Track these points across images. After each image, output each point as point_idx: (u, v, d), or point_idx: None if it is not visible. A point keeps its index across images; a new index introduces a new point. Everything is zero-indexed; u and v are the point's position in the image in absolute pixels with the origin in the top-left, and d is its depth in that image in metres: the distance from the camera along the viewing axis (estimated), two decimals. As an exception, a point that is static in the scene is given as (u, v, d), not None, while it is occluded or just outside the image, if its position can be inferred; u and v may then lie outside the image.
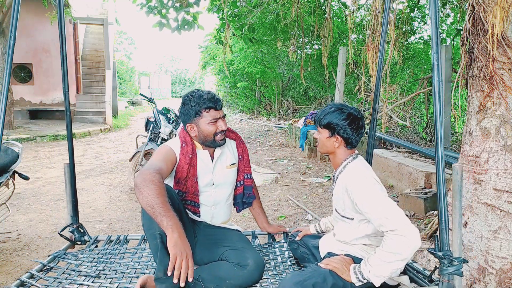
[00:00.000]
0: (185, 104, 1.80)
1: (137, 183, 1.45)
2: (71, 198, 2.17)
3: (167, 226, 1.35)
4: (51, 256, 1.95)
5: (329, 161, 6.36)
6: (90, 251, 2.06)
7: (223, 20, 5.36)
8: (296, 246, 1.94)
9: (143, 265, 1.91)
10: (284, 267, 1.88)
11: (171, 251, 1.32)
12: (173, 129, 5.14)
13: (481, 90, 2.14)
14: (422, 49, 8.76)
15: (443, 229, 1.38)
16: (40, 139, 8.55)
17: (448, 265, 1.38)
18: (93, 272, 1.81)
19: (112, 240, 2.20)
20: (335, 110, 1.59)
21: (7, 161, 2.81)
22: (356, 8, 4.66)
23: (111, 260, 1.96)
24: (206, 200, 1.86)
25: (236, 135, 2.02)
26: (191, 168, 1.78)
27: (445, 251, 1.39)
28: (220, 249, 1.74)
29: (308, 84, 12.39)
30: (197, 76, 36.53)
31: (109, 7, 12.89)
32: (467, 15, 2.16)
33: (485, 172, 2.12)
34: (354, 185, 1.49)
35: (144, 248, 2.12)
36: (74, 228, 2.19)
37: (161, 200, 1.39)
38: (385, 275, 1.39)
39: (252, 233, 2.26)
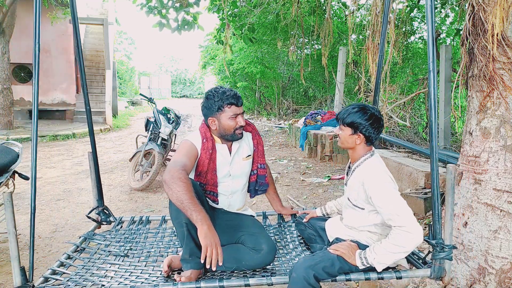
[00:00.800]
0: (208, 98, 1.91)
1: (166, 180, 1.59)
2: (96, 184, 2.33)
3: (197, 220, 1.50)
4: (82, 237, 2.12)
5: (329, 161, 6.37)
6: (116, 232, 2.24)
7: (223, 20, 5.36)
8: (303, 227, 2.11)
9: (165, 244, 2.09)
10: (293, 246, 2.07)
11: (203, 242, 1.48)
12: (173, 129, 5.14)
13: (481, 90, 2.14)
14: (422, 49, 8.77)
15: (436, 220, 1.55)
16: (40, 139, 8.55)
17: (440, 251, 1.56)
18: (122, 252, 1.98)
19: (135, 221, 2.37)
20: (358, 110, 1.73)
21: (7, 161, 2.81)
22: (356, 8, 4.66)
23: (137, 240, 2.13)
24: (224, 190, 2.00)
25: (252, 127, 2.14)
26: (211, 162, 1.91)
27: (437, 239, 1.56)
28: (237, 234, 1.90)
29: (308, 84, 12.40)
30: (197, 76, 36.53)
31: (109, 7, 12.90)
32: (467, 15, 2.16)
33: (485, 172, 2.12)
34: (371, 181, 1.65)
35: (164, 228, 2.29)
36: (100, 211, 2.35)
37: (189, 196, 1.54)
38: (387, 263, 1.59)
39: (263, 214, 2.45)
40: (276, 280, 1.61)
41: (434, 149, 1.51)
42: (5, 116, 9.06)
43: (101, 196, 2.36)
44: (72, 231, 3.46)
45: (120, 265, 1.85)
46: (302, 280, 1.55)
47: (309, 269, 1.57)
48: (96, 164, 2.33)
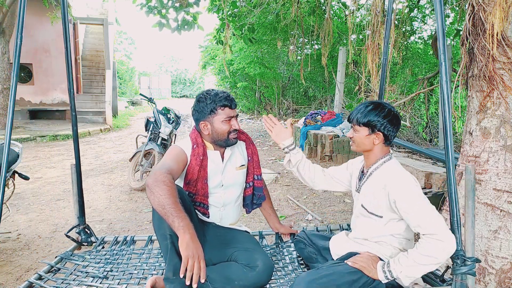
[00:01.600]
0: (200, 101, 1.79)
1: (149, 183, 1.44)
2: (78, 199, 2.17)
3: (179, 227, 1.34)
4: (58, 257, 1.96)
5: (329, 161, 6.36)
6: (97, 252, 2.07)
7: (223, 20, 5.35)
8: (303, 246, 1.93)
9: (151, 266, 1.91)
10: (292, 267, 1.88)
11: (183, 253, 1.32)
12: (173, 129, 5.14)
13: (481, 90, 2.14)
14: (422, 49, 8.77)
15: (455, 228, 1.39)
16: (40, 139, 8.55)
17: (461, 264, 1.38)
18: (101, 273, 1.81)
19: (119, 241, 2.19)
20: (374, 107, 1.58)
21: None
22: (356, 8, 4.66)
23: (119, 261, 1.96)
24: (215, 202, 1.86)
25: (246, 136, 2.01)
26: (201, 170, 1.78)
27: (457, 250, 1.38)
28: (229, 250, 1.74)
29: (308, 84, 12.40)
30: (197, 76, 36.52)
31: (109, 7, 12.90)
32: (467, 15, 2.16)
33: (485, 172, 2.12)
34: (395, 184, 1.49)
35: (151, 249, 2.11)
36: (81, 229, 2.18)
37: (173, 201, 1.39)
38: (416, 276, 1.40)
39: (259, 233, 2.24)
40: None
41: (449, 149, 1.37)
42: (5, 116, 9.05)
43: (83, 213, 2.19)
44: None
45: (97, 287, 1.71)
46: None
47: (312, 283, 1.41)
48: (79, 177, 2.15)
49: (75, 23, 11.45)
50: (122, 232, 3.40)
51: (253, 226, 3.43)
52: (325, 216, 3.77)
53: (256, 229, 2.67)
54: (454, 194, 1.36)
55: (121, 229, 3.47)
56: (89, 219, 3.71)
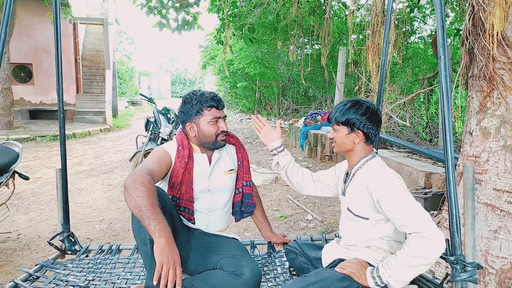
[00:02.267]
0: (186, 102, 1.73)
1: (126, 184, 1.37)
2: (62, 205, 2.07)
3: (154, 231, 1.28)
4: (38, 265, 1.88)
5: (329, 161, 6.36)
6: (80, 261, 1.98)
7: (223, 20, 5.36)
8: (294, 256, 1.85)
9: (135, 275, 1.84)
10: (284, 278, 1.82)
11: (157, 258, 1.24)
12: (173, 129, 5.14)
13: (481, 90, 2.14)
14: (422, 49, 8.77)
15: (454, 231, 1.30)
16: (40, 139, 8.55)
17: (461, 271, 1.30)
18: (82, 282, 1.74)
19: (104, 249, 2.11)
20: (352, 105, 1.54)
21: (7, 161, 2.81)
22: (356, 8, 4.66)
23: (102, 270, 1.88)
24: (201, 207, 1.78)
25: (236, 140, 1.94)
26: (186, 173, 1.70)
27: (457, 255, 1.31)
28: (215, 257, 1.65)
29: (308, 84, 12.39)
30: (197, 76, 36.55)
31: (109, 7, 12.90)
32: (467, 15, 2.16)
33: (485, 172, 2.12)
34: (377, 182, 1.44)
35: (137, 258, 2.04)
36: (65, 237, 2.08)
37: (150, 203, 1.32)
38: (406, 280, 1.33)
39: (250, 243, 2.18)
40: None
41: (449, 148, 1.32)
42: (5, 116, 9.05)
43: (67, 220, 2.09)
44: (72, 231, 3.46)
45: None
46: None
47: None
48: (64, 183, 2.06)
49: (75, 23, 11.45)
50: (122, 231, 3.40)
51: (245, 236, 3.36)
52: (325, 216, 3.77)
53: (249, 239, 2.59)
54: (454, 195, 1.29)
55: (121, 228, 3.47)
56: (89, 219, 3.71)
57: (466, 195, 1.37)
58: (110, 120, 11.76)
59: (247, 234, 3.33)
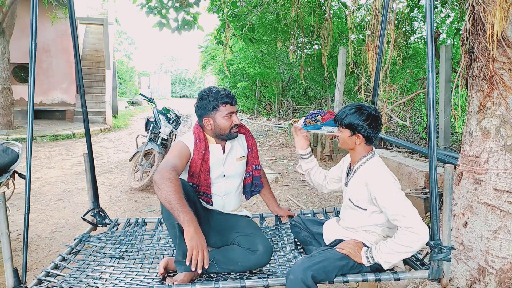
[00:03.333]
0: (203, 98, 1.91)
1: (156, 180, 1.58)
2: (91, 185, 2.31)
3: (184, 221, 1.51)
4: (77, 239, 2.09)
5: (329, 161, 6.36)
6: (112, 234, 2.21)
7: (223, 20, 5.36)
8: (298, 230, 2.07)
9: (162, 246, 2.07)
10: (290, 248, 2.04)
11: (188, 244, 1.48)
12: (173, 129, 5.15)
13: (481, 90, 2.14)
14: (422, 49, 8.77)
15: (434, 221, 1.54)
16: (40, 139, 8.55)
17: (438, 252, 1.56)
18: (117, 254, 1.96)
19: (131, 223, 2.34)
20: (355, 111, 1.74)
21: (7, 161, 2.81)
22: (356, 8, 4.66)
23: (132, 242, 2.11)
24: (218, 191, 1.99)
25: (245, 129, 2.15)
26: (203, 163, 1.91)
27: (435, 240, 1.56)
28: (232, 235, 1.89)
29: (308, 84, 12.39)
30: (197, 76, 36.55)
31: (109, 7, 12.91)
32: (467, 15, 2.16)
33: (485, 172, 2.12)
34: (375, 182, 1.66)
35: (161, 230, 2.26)
36: (96, 213, 2.31)
37: (178, 197, 1.54)
38: (394, 262, 1.62)
39: (260, 216, 2.41)
40: (272, 282, 1.59)
41: (432, 149, 1.52)
42: (5, 116, 9.05)
43: (97, 198, 2.33)
44: (72, 231, 3.46)
45: (115, 267, 1.84)
46: (300, 281, 1.53)
47: (307, 270, 1.56)
48: (92, 166, 2.30)
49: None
50: (122, 232, 3.41)
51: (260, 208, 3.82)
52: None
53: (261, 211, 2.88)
54: (435, 191, 1.51)
55: (121, 229, 3.48)
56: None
57: (445, 192, 1.57)
58: (110, 120, 11.76)
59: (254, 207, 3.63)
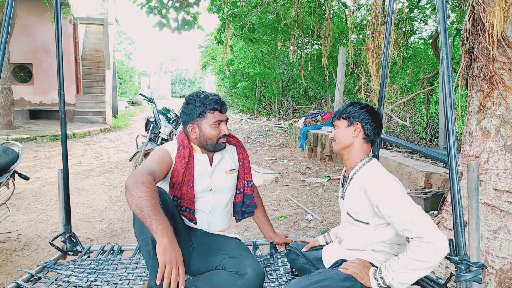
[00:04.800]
0: (189, 103, 1.72)
1: (128, 184, 1.38)
2: (64, 206, 2.08)
3: (157, 230, 1.28)
4: (40, 266, 1.90)
5: (329, 161, 6.36)
6: (82, 262, 1.99)
7: (223, 20, 5.35)
8: (295, 257, 1.85)
9: (137, 276, 1.85)
10: (286, 278, 1.83)
11: (160, 258, 1.24)
12: (173, 129, 5.14)
13: (481, 90, 2.14)
14: (422, 49, 8.77)
15: (459, 231, 1.29)
16: (40, 139, 8.55)
17: (465, 271, 1.30)
18: (84, 283, 1.75)
19: (106, 250, 2.12)
20: (352, 103, 1.63)
21: (7, 161, 2.81)
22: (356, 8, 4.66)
23: (104, 270, 1.89)
24: (203, 206, 1.77)
25: (236, 141, 1.94)
26: (187, 173, 1.70)
27: (461, 255, 1.31)
28: (217, 257, 1.65)
29: (308, 84, 12.39)
30: (197, 76, 36.53)
31: (109, 7, 12.90)
32: (467, 15, 2.16)
33: (485, 172, 2.12)
34: (375, 186, 1.42)
35: (138, 258, 2.04)
36: (66, 238, 2.09)
37: (152, 203, 1.32)
38: (409, 282, 1.33)
39: (253, 243, 2.18)
40: None
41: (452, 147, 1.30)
42: (5, 116, 9.05)
43: (69, 221, 2.10)
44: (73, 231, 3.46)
45: None
46: None
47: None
48: (66, 184, 2.08)
49: (75, 23, 11.45)
50: (122, 232, 3.40)
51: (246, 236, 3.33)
52: (325, 216, 3.77)
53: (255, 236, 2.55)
54: (458, 195, 1.28)
55: (121, 229, 3.47)
56: (89, 219, 3.71)
57: (470, 195, 1.35)
58: (110, 120, 11.75)
59: (247, 234, 3.33)
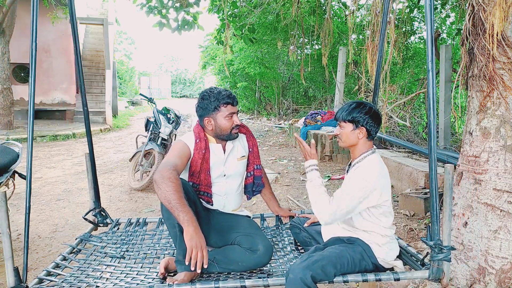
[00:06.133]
0: (204, 99, 1.91)
1: (156, 179, 1.59)
2: (93, 185, 2.30)
3: (183, 221, 1.51)
4: (78, 239, 2.09)
5: (329, 161, 6.36)
6: (113, 234, 2.21)
7: (223, 20, 5.36)
8: (297, 231, 2.07)
9: (162, 246, 2.07)
10: (291, 248, 2.05)
11: (188, 243, 1.48)
12: (173, 129, 5.14)
13: (481, 90, 2.14)
14: (422, 49, 8.77)
15: (434, 221, 1.53)
16: (40, 139, 8.55)
17: (438, 252, 1.55)
18: (118, 253, 1.96)
19: (132, 222, 2.34)
20: (357, 106, 1.77)
21: (7, 161, 2.82)
22: (356, 8, 4.65)
23: (133, 241, 2.12)
24: (218, 190, 1.99)
25: (246, 129, 2.14)
26: (204, 163, 1.91)
27: (435, 240, 1.55)
28: (232, 234, 1.89)
29: (308, 84, 12.40)
30: (197, 76, 36.56)
31: (109, 7, 12.91)
32: (467, 15, 2.16)
33: (485, 172, 2.12)
34: (359, 169, 1.70)
35: (162, 230, 2.26)
36: (97, 212, 2.30)
37: (178, 196, 1.54)
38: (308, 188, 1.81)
39: (260, 216, 2.42)
40: (272, 282, 1.59)
41: (432, 149, 1.51)
42: (5, 116, 9.05)
43: (98, 198, 2.32)
44: (72, 231, 3.46)
45: (116, 266, 1.85)
46: (299, 281, 1.53)
47: (306, 269, 1.56)
48: (93, 165, 2.30)
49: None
50: (122, 232, 3.41)
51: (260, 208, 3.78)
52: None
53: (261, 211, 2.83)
54: (435, 190, 1.50)
55: (121, 229, 3.48)
56: (89, 219, 3.71)
57: (445, 193, 1.56)
58: (110, 120, 11.76)
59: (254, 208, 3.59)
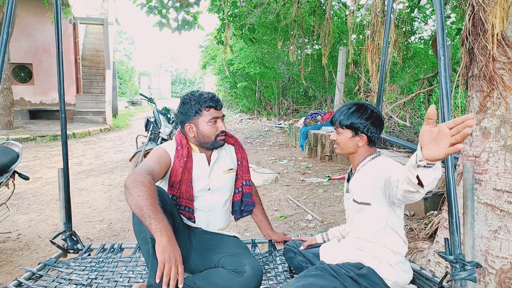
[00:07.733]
0: (184, 103, 1.74)
1: (127, 184, 1.39)
2: (65, 204, 2.09)
3: (156, 230, 1.29)
4: (41, 264, 1.90)
5: (329, 161, 6.36)
6: (82, 260, 2.01)
7: (223, 20, 5.36)
8: (292, 255, 1.86)
9: (137, 273, 1.86)
10: (284, 276, 1.83)
11: (159, 256, 1.26)
12: (173, 129, 5.14)
13: (481, 90, 2.14)
14: (422, 49, 8.77)
15: (454, 230, 1.31)
16: (40, 139, 8.54)
17: (460, 269, 1.30)
18: (85, 280, 1.76)
19: (106, 248, 2.13)
20: (356, 109, 1.55)
21: (7, 161, 2.81)
22: (356, 8, 4.65)
23: (104, 268, 1.90)
24: (201, 206, 1.79)
25: (235, 140, 1.96)
26: (185, 172, 1.71)
27: (456, 254, 1.31)
28: (216, 256, 1.67)
29: (308, 84, 12.40)
30: (197, 76, 36.53)
31: (109, 7, 12.89)
32: (467, 15, 2.16)
33: (485, 172, 2.12)
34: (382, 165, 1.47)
35: (138, 256, 2.05)
36: (67, 236, 2.11)
37: (151, 202, 1.33)
38: None
39: (251, 242, 2.19)
40: None
41: None
42: (5, 116, 9.05)
43: (69, 219, 2.12)
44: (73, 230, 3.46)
45: None
46: None
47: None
48: (66, 182, 2.08)
49: (75, 23, 11.45)
50: (122, 232, 3.40)
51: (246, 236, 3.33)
52: (325, 216, 3.77)
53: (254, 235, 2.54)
54: (453, 195, 1.30)
55: (121, 228, 3.47)
56: (89, 219, 3.71)
57: (466, 195, 1.37)
58: (110, 120, 11.76)
59: (247, 234, 3.33)
